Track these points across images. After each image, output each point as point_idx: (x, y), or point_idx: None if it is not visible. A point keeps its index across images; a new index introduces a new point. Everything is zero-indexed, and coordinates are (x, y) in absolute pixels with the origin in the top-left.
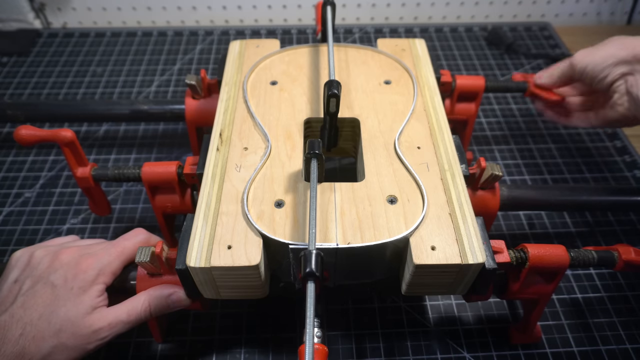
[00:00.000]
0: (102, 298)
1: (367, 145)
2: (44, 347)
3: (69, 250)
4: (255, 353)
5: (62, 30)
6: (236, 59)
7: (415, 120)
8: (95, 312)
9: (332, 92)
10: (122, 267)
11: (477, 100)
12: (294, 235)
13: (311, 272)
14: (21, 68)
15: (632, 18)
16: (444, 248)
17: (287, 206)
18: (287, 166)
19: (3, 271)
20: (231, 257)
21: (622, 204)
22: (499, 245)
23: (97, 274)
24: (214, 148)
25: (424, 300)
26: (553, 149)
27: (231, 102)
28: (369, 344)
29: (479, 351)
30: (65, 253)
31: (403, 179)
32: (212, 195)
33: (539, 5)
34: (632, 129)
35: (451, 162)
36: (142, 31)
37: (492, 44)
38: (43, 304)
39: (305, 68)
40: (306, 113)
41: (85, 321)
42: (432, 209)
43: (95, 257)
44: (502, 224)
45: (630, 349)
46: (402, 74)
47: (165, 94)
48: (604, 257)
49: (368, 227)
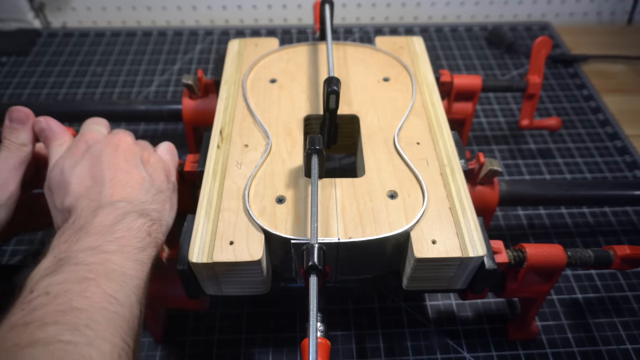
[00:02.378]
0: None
1: (367, 141)
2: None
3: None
4: (255, 353)
5: (61, 30)
6: (235, 58)
7: (415, 117)
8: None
9: (332, 89)
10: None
11: (474, 100)
12: (295, 230)
13: (314, 265)
14: (21, 68)
15: (632, 18)
16: (445, 242)
17: (288, 202)
18: (288, 162)
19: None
20: (233, 252)
21: (620, 198)
22: (498, 245)
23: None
24: (215, 145)
25: (424, 300)
26: (553, 149)
27: (231, 100)
28: (369, 344)
29: (479, 351)
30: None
31: (403, 174)
32: (213, 192)
33: (540, 5)
34: (632, 129)
35: (450, 157)
36: (142, 31)
37: (492, 43)
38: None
39: (304, 66)
40: (306, 110)
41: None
42: (432, 204)
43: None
44: (502, 224)
45: (631, 349)
46: (400, 71)
47: (165, 94)
48: (601, 256)
49: (369, 222)
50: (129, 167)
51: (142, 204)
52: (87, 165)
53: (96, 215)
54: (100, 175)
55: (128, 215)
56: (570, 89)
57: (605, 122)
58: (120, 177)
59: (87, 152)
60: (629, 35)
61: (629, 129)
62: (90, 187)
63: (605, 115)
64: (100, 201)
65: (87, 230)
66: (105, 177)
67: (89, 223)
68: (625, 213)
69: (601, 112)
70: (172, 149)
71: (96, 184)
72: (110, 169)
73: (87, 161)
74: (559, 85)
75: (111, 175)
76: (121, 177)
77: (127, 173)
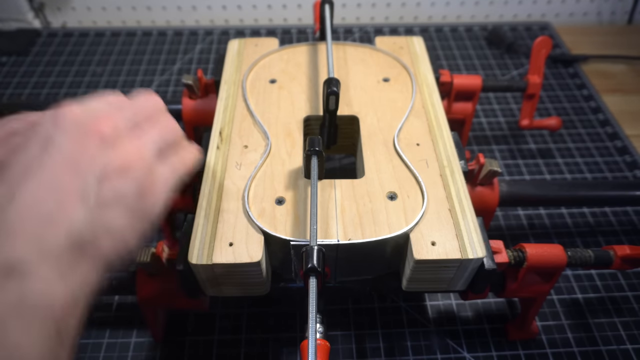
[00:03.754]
0: None
1: (367, 142)
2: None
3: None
4: (255, 353)
5: (61, 30)
6: (235, 58)
7: (414, 117)
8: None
9: (332, 90)
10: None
11: (474, 100)
12: (295, 232)
13: (313, 268)
14: (20, 68)
15: (632, 18)
16: (444, 243)
17: (288, 203)
18: (287, 164)
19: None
20: (233, 254)
21: (620, 199)
22: (498, 245)
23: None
24: (214, 146)
25: (424, 300)
26: (553, 149)
27: (230, 100)
28: (369, 344)
29: (479, 351)
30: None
31: (402, 175)
32: (212, 193)
33: (540, 5)
34: (632, 129)
35: (450, 159)
36: (142, 31)
37: (492, 43)
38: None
39: (304, 66)
40: (305, 111)
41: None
42: (432, 205)
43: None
44: (502, 224)
45: (631, 349)
46: (400, 71)
47: (165, 94)
48: (601, 256)
49: (368, 223)
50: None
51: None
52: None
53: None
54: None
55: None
56: (570, 89)
57: (605, 122)
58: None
59: (45, 141)
60: (629, 35)
61: (629, 129)
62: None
63: (605, 115)
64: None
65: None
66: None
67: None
68: (626, 213)
69: (601, 112)
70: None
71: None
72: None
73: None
74: (559, 85)
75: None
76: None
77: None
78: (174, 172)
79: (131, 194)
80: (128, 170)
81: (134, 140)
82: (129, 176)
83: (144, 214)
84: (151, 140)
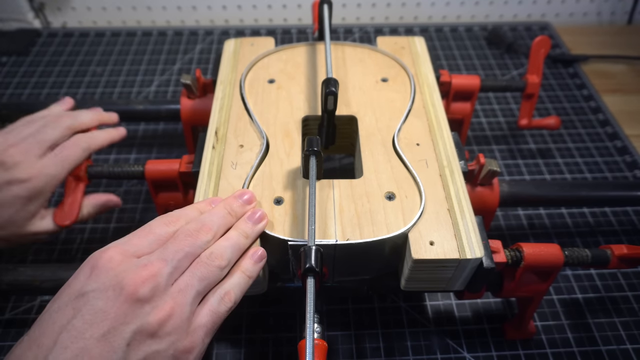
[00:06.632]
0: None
1: (365, 142)
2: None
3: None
4: (255, 353)
5: (61, 30)
6: (231, 58)
7: (414, 117)
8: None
9: (330, 90)
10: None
11: (472, 100)
12: (293, 232)
13: (311, 268)
14: (21, 68)
15: (632, 18)
16: (443, 243)
17: (286, 203)
18: (286, 164)
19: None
20: None
21: (621, 199)
22: (496, 245)
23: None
24: (210, 146)
25: (424, 300)
26: (553, 149)
27: (226, 100)
28: (369, 344)
29: (479, 351)
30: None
31: (401, 175)
32: (208, 192)
33: (539, 5)
34: (632, 129)
35: (450, 159)
36: (142, 31)
37: (492, 43)
38: None
39: (302, 66)
40: (304, 111)
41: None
42: (431, 205)
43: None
44: (502, 224)
45: (631, 349)
46: (399, 71)
47: (165, 94)
48: (598, 256)
49: (367, 224)
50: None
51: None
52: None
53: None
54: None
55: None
56: (570, 89)
57: (605, 122)
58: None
59: (78, 298)
60: (629, 35)
61: (629, 129)
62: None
63: (605, 115)
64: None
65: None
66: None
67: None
68: (626, 213)
69: (601, 112)
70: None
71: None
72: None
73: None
74: (558, 85)
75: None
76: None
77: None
78: (212, 315)
79: (165, 356)
80: (162, 329)
81: (175, 294)
82: (164, 339)
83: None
84: (194, 289)
